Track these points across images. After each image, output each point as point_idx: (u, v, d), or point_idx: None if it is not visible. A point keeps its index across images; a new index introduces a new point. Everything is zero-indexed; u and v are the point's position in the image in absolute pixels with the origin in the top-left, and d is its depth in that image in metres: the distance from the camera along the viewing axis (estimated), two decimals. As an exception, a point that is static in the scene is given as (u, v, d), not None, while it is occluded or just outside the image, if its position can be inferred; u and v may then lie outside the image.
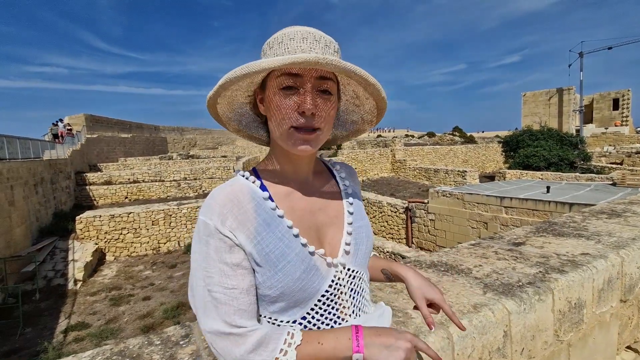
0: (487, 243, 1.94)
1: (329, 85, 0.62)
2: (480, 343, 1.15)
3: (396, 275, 0.81)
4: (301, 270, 0.62)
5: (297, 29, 0.63)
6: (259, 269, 0.62)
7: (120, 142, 26.55)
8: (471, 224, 9.63)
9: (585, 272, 1.52)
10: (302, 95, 0.60)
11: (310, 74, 0.60)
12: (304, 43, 0.61)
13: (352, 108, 0.76)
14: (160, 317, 7.40)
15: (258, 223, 0.63)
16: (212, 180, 17.31)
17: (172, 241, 11.61)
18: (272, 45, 0.63)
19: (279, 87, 0.61)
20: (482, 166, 25.73)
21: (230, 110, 0.71)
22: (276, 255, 0.62)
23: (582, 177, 15.33)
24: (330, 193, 0.75)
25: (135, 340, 1.12)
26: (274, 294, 0.62)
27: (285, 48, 0.61)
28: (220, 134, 41.76)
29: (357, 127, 0.79)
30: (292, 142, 0.62)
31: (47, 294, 8.52)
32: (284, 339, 0.58)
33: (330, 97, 0.63)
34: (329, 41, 0.64)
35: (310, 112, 0.60)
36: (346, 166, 0.84)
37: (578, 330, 1.49)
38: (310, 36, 0.62)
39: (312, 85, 0.61)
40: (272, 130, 0.66)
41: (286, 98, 0.61)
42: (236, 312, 0.59)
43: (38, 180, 11.72)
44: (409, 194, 15.85)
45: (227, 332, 0.58)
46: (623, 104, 39.43)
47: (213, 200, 0.63)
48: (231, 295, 0.59)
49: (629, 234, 1.96)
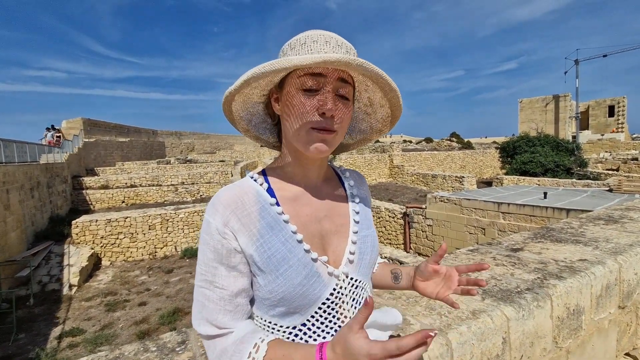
0: (486, 249, 1.94)
1: (347, 90, 0.63)
2: (479, 350, 1.14)
3: (407, 274, 0.78)
4: (302, 276, 0.62)
5: (319, 32, 0.63)
6: (260, 273, 0.62)
7: (117, 146, 26.48)
8: (469, 230, 9.64)
9: (584, 278, 1.52)
10: (323, 96, 0.60)
11: (333, 75, 0.60)
12: (327, 46, 0.62)
13: (362, 116, 0.76)
14: (156, 322, 7.32)
15: (262, 226, 0.63)
16: (209, 185, 17.25)
17: (169, 246, 11.53)
18: (294, 46, 0.63)
19: (301, 87, 0.61)
20: (479, 172, 25.83)
21: (244, 108, 0.71)
22: (278, 259, 0.62)
23: (579, 183, 15.40)
24: (338, 201, 0.74)
25: (131, 346, 1.11)
26: (275, 298, 0.62)
27: (308, 49, 0.61)
28: (218, 138, 41.75)
29: (365, 137, 0.79)
30: (309, 141, 0.62)
31: (41, 299, 8.41)
32: (249, 352, 0.58)
33: (347, 102, 0.63)
34: (349, 47, 0.65)
35: (330, 114, 0.60)
36: (356, 174, 0.83)
37: (577, 337, 1.48)
38: (333, 40, 0.63)
39: (332, 87, 0.61)
40: (287, 130, 0.65)
41: (307, 98, 0.61)
42: (221, 312, 0.61)
43: (34, 184, 11.65)
44: (407, 199, 15.87)
45: (208, 334, 0.62)
46: (618, 110, 39.82)
47: (217, 201, 0.63)
48: (220, 295, 0.61)
49: (626, 240, 1.96)
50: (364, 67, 0.56)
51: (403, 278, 0.78)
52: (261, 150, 32.12)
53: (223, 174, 19.01)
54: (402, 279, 0.78)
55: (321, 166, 0.72)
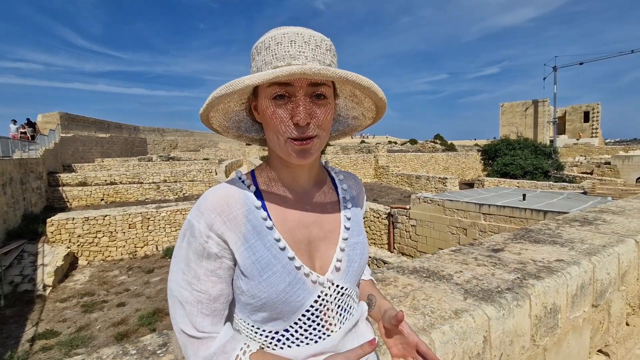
0: (468, 249, 1.98)
1: (323, 89, 0.59)
2: (460, 349, 1.16)
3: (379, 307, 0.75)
4: (286, 283, 0.61)
5: (284, 31, 0.59)
6: (243, 278, 0.61)
7: (97, 142, 25.65)
8: (451, 230, 9.83)
9: (560, 278, 1.57)
10: (295, 104, 0.58)
11: (301, 81, 0.57)
12: (292, 47, 0.58)
13: (351, 105, 0.72)
14: (135, 324, 7.13)
15: (247, 229, 0.62)
16: (193, 183, 16.94)
17: (149, 245, 11.25)
18: (260, 50, 0.60)
19: (270, 96, 0.58)
20: (462, 173, 26.40)
21: (226, 119, 0.69)
22: (262, 265, 0.61)
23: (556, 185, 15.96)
24: (329, 205, 0.72)
25: (110, 349, 1.07)
26: (257, 304, 0.61)
27: (272, 55, 0.58)
28: (203, 136, 41.07)
29: (359, 123, 0.75)
30: (288, 152, 0.60)
31: (13, 300, 8.06)
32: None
33: (326, 101, 0.60)
34: (319, 40, 0.60)
35: (304, 122, 0.57)
36: (352, 177, 0.80)
37: (553, 335, 1.53)
38: (299, 38, 0.59)
39: (304, 92, 0.58)
40: (269, 139, 0.63)
41: (279, 108, 0.58)
42: (199, 315, 0.60)
43: (6, 180, 11.14)
44: (391, 199, 16.04)
45: (187, 333, 0.61)
46: (593, 116, 41.49)
47: (203, 203, 0.62)
48: (198, 298, 0.60)
49: (600, 241, 2.05)
50: (322, 73, 0.53)
51: (374, 309, 0.76)
52: (246, 149, 31.78)
53: (207, 172, 18.70)
54: (374, 309, 0.76)
55: (311, 169, 0.70)
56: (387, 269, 1.73)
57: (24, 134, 17.15)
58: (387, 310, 0.72)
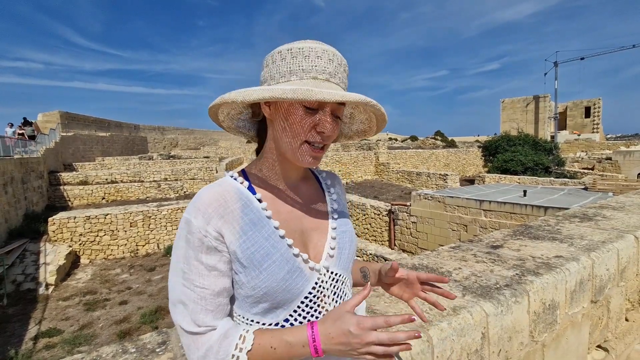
0: (467, 246, 1.98)
1: (341, 111, 0.67)
2: (459, 345, 1.17)
3: (374, 272, 0.82)
4: (285, 270, 0.63)
5: (310, 45, 0.64)
6: (243, 269, 0.63)
7: (97, 141, 25.66)
8: (452, 227, 9.84)
9: (559, 274, 1.57)
10: (324, 116, 0.64)
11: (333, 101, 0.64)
12: (319, 62, 0.63)
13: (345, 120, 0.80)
14: (137, 322, 7.17)
15: (244, 222, 0.64)
16: (193, 181, 16.96)
17: (151, 244, 11.28)
18: (285, 57, 0.64)
19: (303, 103, 0.63)
20: (462, 170, 26.36)
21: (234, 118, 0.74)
22: (261, 255, 0.63)
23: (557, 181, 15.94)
24: (316, 199, 0.78)
25: (109, 348, 1.08)
26: (258, 294, 0.63)
27: (298, 66, 0.63)
28: (203, 134, 41.05)
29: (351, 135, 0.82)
30: (301, 155, 0.65)
31: (15, 299, 8.10)
32: (235, 344, 0.60)
33: (339, 121, 0.67)
34: (340, 59, 0.66)
35: (329, 134, 0.64)
36: (332, 174, 0.87)
37: (552, 331, 1.54)
38: (325, 55, 0.64)
39: (331, 107, 0.65)
40: (279, 138, 0.67)
41: (307, 115, 0.63)
42: (202, 311, 0.61)
43: (7, 180, 11.16)
44: (392, 196, 16.04)
45: (190, 331, 0.61)
46: (594, 112, 41.33)
47: (199, 200, 0.64)
48: (201, 294, 0.61)
49: (599, 237, 2.05)
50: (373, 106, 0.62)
51: (371, 277, 0.82)
52: (247, 147, 31.77)
53: (207, 170, 18.71)
54: (370, 277, 0.82)
55: (300, 167, 0.74)
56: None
57: (21, 134, 16.63)
58: (381, 268, 0.79)
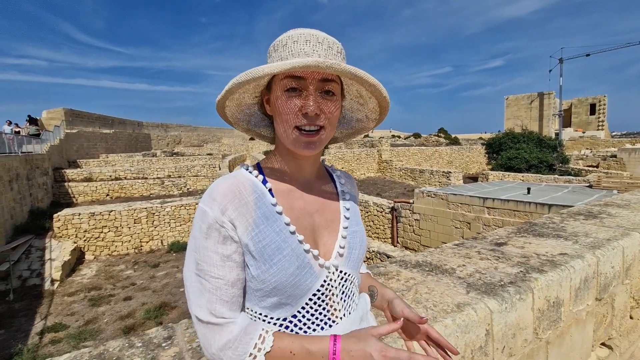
0: (471, 243, 1.98)
1: (332, 86, 0.65)
2: (463, 342, 1.17)
3: (382, 295, 0.80)
4: (295, 266, 0.64)
5: (300, 32, 0.65)
6: (254, 262, 0.63)
7: (101, 138, 25.77)
8: (455, 224, 9.81)
9: (564, 271, 1.57)
10: (306, 97, 0.63)
11: (313, 76, 0.63)
12: (307, 45, 0.63)
13: (356, 107, 0.78)
14: (142, 317, 7.23)
15: (257, 216, 0.64)
16: (197, 178, 17.01)
17: (155, 240, 11.35)
18: (277, 48, 0.66)
19: (283, 89, 0.64)
20: (466, 167, 26.24)
21: (239, 111, 0.74)
22: (272, 249, 0.63)
23: (561, 179, 15.83)
24: (329, 197, 0.78)
25: (116, 342, 1.09)
26: (267, 288, 0.63)
27: (289, 51, 0.64)
28: (206, 131, 41.11)
29: (363, 125, 0.81)
30: (296, 142, 0.65)
31: (21, 295, 8.19)
32: (254, 343, 0.59)
33: (334, 97, 0.66)
34: (332, 42, 0.66)
35: (313, 113, 0.63)
36: (346, 174, 0.87)
37: (556, 328, 1.54)
38: (313, 38, 0.64)
39: (315, 87, 0.63)
40: (278, 130, 0.68)
41: (290, 100, 0.63)
42: (218, 302, 0.61)
43: (13, 176, 11.26)
44: (394, 194, 16.01)
45: (206, 321, 0.61)
46: (599, 109, 40.94)
47: (215, 190, 0.64)
48: (216, 284, 0.62)
49: (604, 235, 2.03)
50: (333, 67, 0.58)
51: (377, 299, 0.81)
52: (250, 144, 31.78)
53: (211, 167, 18.76)
54: (377, 299, 0.81)
55: (314, 162, 0.75)
56: (390, 262, 1.73)
57: (17, 133, 15.77)
58: (393, 299, 0.77)
